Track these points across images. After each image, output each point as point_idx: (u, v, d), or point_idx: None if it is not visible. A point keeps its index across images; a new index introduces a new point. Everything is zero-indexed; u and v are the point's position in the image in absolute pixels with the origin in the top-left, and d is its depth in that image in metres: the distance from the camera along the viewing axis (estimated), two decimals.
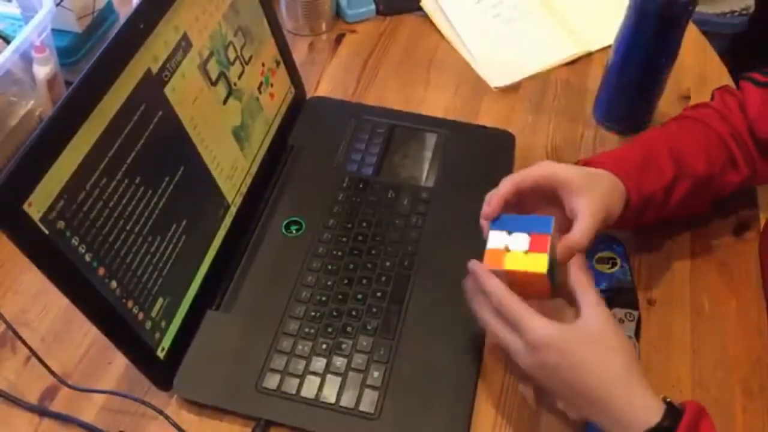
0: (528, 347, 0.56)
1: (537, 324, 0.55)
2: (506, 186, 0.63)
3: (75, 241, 0.55)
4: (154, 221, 0.63)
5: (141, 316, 0.61)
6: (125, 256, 0.59)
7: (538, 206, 0.64)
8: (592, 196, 0.62)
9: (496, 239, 0.60)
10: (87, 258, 0.56)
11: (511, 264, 0.58)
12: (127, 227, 0.60)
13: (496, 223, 0.61)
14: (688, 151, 0.69)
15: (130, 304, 0.60)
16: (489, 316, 0.59)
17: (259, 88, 0.79)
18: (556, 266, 0.59)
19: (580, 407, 0.57)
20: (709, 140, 0.71)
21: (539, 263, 0.58)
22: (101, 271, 0.57)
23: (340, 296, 0.70)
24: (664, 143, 0.70)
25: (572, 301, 0.58)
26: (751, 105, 0.71)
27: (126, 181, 0.59)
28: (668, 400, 0.53)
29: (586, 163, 0.68)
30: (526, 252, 0.58)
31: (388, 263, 0.73)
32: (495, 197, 0.63)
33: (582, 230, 0.60)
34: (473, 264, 0.60)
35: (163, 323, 0.64)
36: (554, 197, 0.63)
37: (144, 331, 0.62)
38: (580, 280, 0.58)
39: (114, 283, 0.58)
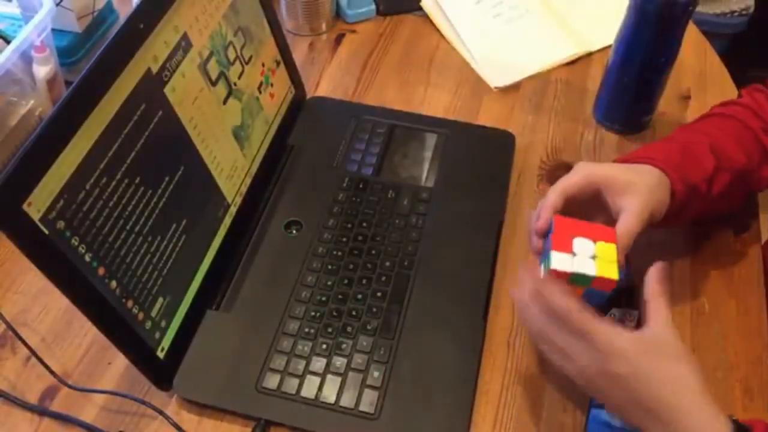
0: (597, 356, 0.54)
1: (609, 331, 0.54)
2: (553, 195, 0.62)
3: (75, 241, 0.55)
4: (154, 221, 0.63)
5: (141, 315, 0.61)
6: (125, 255, 0.59)
7: (587, 214, 0.63)
8: (637, 193, 0.61)
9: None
10: (87, 258, 0.56)
11: (580, 267, 0.57)
12: (127, 227, 0.60)
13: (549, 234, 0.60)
14: (725, 144, 0.68)
15: (130, 303, 0.60)
16: (545, 323, 0.57)
17: (259, 88, 0.79)
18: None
19: (638, 418, 0.54)
20: (742, 135, 0.70)
21: (610, 269, 0.57)
22: (101, 270, 0.57)
23: (340, 296, 0.70)
24: (700, 137, 0.69)
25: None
26: None
27: (126, 181, 0.59)
28: (734, 418, 0.52)
29: (624, 161, 0.67)
30: (594, 257, 0.58)
31: (388, 263, 0.73)
32: (543, 209, 0.62)
33: (626, 228, 0.59)
34: (537, 271, 0.59)
35: (163, 323, 0.64)
36: (601, 202, 0.62)
37: (144, 331, 0.62)
38: (655, 290, 0.57)
39: (114, 283, 0.58)
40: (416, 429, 0.63)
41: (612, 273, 0.58)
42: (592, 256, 0.59)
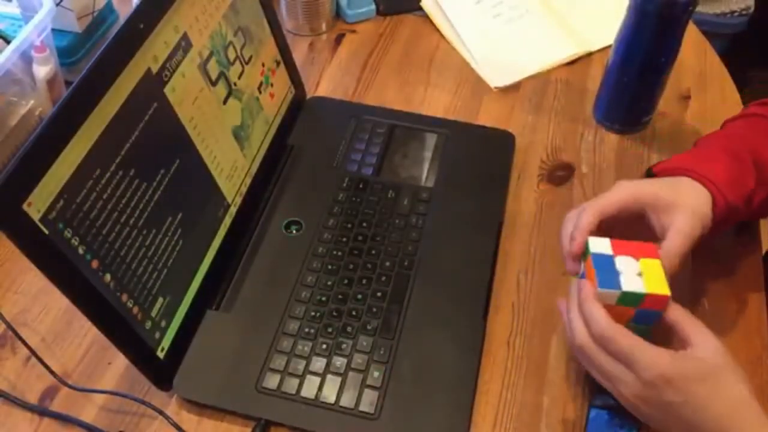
0: (645, 385, 0.53)
1: (654, 356, 0.52)
2: (589, 217, 0.60)
3: (75, 241, 0.55)
4: (154, 221, 0.63)
5: (141, 315, 0.61)
6: (125, 255, 0.59)
7: (621, 232, 0.60)
8: (685, 211, 0.59)
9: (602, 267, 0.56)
10: (87, 258, 0.56)
11: (629, 286, 0.55)
12: (127, 226, 0.60)
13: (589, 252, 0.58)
14: (767, 154, 0.65)
15: (129, 303, 0.60)
16: (590, 347, 0.55)
17: (259, 88, 0.79)
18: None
19: None
20: None
21: (661, 285, 0.55)
22: (101, 270, 0.57)
23: (340, 296, 0.70)
24: (745, 147, 0.66)
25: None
26: None
27: (125, 180, 0.59)
28: None
29: (667, 168, 0.65)
30: (640, 275, 0.56)
31: (388, 263, 0.73)
32: (578, 231, 0.59)
33: (674, 247, 0.57)
34: (581, 285, 0.56)
35: (163, 323, 0.64)
36: (635, 219, 0.60)
37: (144, 331, 0.62)
38: (678, 311, 0.55)
39: (114, 283, 0.58)
40: (416, 429, 0.63)
41: (663, 288, 0.56)
42: (638, 274, 0.56)
